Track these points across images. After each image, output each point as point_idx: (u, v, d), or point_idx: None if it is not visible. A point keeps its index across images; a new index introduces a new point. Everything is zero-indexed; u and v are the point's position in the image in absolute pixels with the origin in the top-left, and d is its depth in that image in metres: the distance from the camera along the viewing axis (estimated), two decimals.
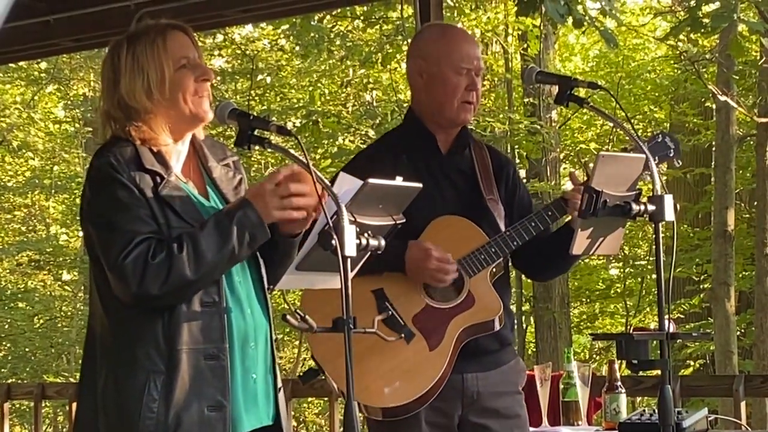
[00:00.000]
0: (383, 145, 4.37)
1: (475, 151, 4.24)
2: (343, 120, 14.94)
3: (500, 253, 4.06)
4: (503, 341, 4.17)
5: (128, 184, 3.23)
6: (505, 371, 4.17)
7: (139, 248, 3.18)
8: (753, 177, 14.78)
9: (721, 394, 8.26)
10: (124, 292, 3.20)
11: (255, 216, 3.23)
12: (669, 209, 3.43)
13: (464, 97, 4.13)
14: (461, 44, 4.18)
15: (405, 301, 4.05)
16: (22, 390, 9.47)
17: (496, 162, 4.26)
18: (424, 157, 4.18)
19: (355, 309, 3.29)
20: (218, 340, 3.26)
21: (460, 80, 4.12)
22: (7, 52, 8.12)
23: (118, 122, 3.35)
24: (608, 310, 17.85)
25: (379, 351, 3.98)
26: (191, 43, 3.41)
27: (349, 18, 14.52)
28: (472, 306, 4.06)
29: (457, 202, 4.14)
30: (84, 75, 18.56)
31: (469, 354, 4.05)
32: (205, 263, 3.19)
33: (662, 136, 4.16)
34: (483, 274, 4.07)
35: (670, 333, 3.37)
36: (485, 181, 4.19)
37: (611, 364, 4.89)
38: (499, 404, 4.13)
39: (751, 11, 11.82)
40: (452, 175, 4.19)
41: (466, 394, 4.08)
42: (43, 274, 19.03)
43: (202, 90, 3.36)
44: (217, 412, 3.25)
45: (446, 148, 4.21)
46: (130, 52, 3.34)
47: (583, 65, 18.34)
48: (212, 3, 6.90)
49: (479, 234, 4.08)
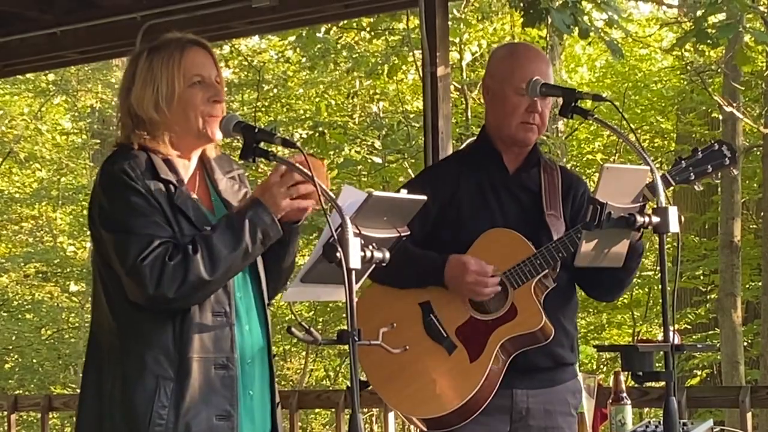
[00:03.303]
0: (452, 159, 4.46)
1: (544, 170, 4.24)
2: (349, 131, 14.94)
3: (545, 265, 4.04)
4: (558, 360, 4.17)
5: (143, 192, 3.25)
6: (559, 391, 4.18)
7: (156, 251, 3.19)
8: (759, 187, 14.78)
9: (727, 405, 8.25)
10: (140, 295, 3.20)
11: (266, 213, 3.25)
12: (673, 221, 3.42)
13: (523, 118, 4.13)
14: (525, 65, 4.15)
15: (449, 312, 4.09)
16: (29, 401, 9.48)
17: (566, 182, 4.26)
18: (489, 174, 4.20)
19: (401, 320, 3.69)
20: (228, 351, 3.29)
21: (521, 101, 4.11)
22: (14, 63, 8.16)
23: (125, 129, 3.38)
24: (615, 321, 17.81)
25: (421, 363, 4.06)
26: (211, 63, 3.41)
27: (355, 29, 14.53)
28: (513, 318, 4.06)
29: (517, 217, 4.15)
30: (91, 87, 18.61)
31: (519, 369, 4.06)
32: (221, 263, 3.21)
33: (719, 145, 4.11)
34: (527, 286, 4.06)
35: (675, 345, 3.37)
36: (549, 199, 4.19)
37: (617, 376, 4.88)
38: (549, 423, 4.14)
39: (757, 22, 11.83)
40: (516, 192, 4.20)
41: (515, 410, 4.10)
42: (51, 286, 19.03)
43: (212, 110, 3.36)
44: (225, 421, 3.27)
45: (514, 167, 4.22)
46: (147, 61, 3.37)
47: (590, 76, 18.34)
48: (219, 15, 6.92)
49: (527, 246, 4.08)
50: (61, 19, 7.30)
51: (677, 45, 11.98)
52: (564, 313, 4.17)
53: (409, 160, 14.08)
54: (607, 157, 16.29)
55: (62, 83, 18.28)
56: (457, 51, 13.91)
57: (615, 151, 16.28)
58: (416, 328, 4.09)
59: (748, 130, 14.90)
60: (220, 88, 3.41)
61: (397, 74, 13.92)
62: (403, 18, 12.76)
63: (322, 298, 3.29)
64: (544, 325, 4.05)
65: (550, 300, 4.10)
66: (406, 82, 15.12)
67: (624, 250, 3.62)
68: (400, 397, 4.11)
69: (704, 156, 4.05)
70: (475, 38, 14.37)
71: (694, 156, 4.08)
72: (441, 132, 6.32)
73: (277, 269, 3.46)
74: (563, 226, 4.16)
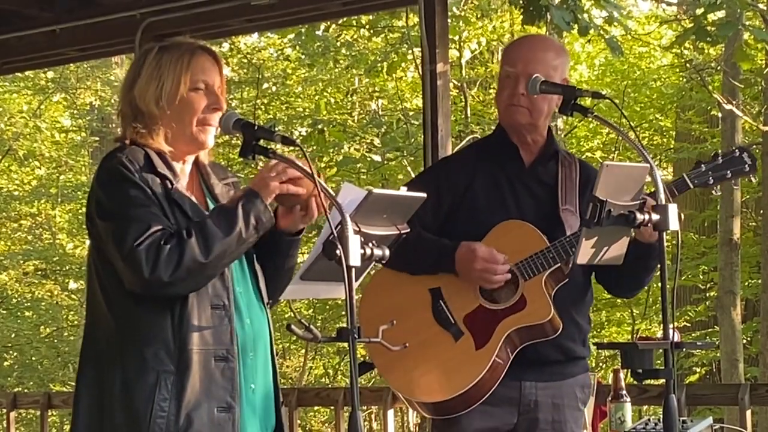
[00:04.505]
0: (468, 151, 4.48)
1: (562, 164, 4.24)
2: (348, 129, 14.95)
3: (557, 258, 4.05)
4: (568, 353, 4.18)
5: (141, 184, 3.28)
6: (569, 384, 4.19)
7: (153, 237, 3.22)
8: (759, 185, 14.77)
9: (726, 403, 8.27)
10: (136, 280, 3.22)
11: (258, 200, 3.28)
12: (673, 218, 3.42)
13: (509, 100, 4.15)
14: (517, 48, 4.24)
15: (459, 300, 4.11)
16: (28, 399, 9.49)
17: (584, 176, 4.25)
18: (505, 167, 4.20)
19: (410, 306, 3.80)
20: (228, 343, 3.30)
21: (506, 83, 4.16)
22: (13, 61, 8.16)
23: (124, 119, 3.41)
24: (615, 319, 17.82)
25: (427, 348, 4.08)
26: (217, 72, 3.45)
27: (354, 27, 14.53)
28: (522, 309, 4.07)
29: (532, 211, 4.16)
30: (90, 84, 18.60)
31: (528, 361, 4.07)
32: (215, 246, 3.22)
33: (740, 151, 4.12)
34: (538, 278, 4.08)
35: (675, 342, 3.37)
36: (565, 193, 4.19)
37: (616, 373, 4.88)
38: (556, 417, 4.15)
39: (757, 20, 11.83)
40: (532, 185, 4.20)
41: (523, 402, 4.11)
42: (50, 283, 19.03)
43: (209, 119, 3.40)
44: (226, 413, 3.28)
45: (530, 159, 4.22)
46: (156, 58, 3.41)
47: (589, 74, 18.34)
48: (217, 12, 6.92)
49: (540, 239, 4.09)
50: (61, 17, 7.31)
51: (677, 42, 11.97)
52: (577, 308, 4.18)
53: (408, 158, 14.08)
54: (607, 155, 16.29)
55: (61, 81, 18.28)
56: (457, 49, 13.91)
57: (614, 149, 16.28)
58: (425, 313, 4.11)
59: (748, 128, 14.90)
60: (222, 98, 3.44)
61: (396, 72, 13.91)
62: (403, 15, 12.76)
63: (322, 295, 3.30)
64: (552, 317, 4.06)
65: (563, 294, 4.11)
66: (405, 79, 15.11)
67: (624, 248, 3.62)
68: (404, 380, 4.13)
69: (724, 161, 4.06)
70: (474, 36, 14.36)
71: (714, 161, 4.09)
72: (440, 130, 6.32)
73: (279, 273, 3.48)
74: (578, 221, 4.15)
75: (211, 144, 3.44)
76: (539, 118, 4.17)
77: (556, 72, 4.13)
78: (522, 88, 4.10)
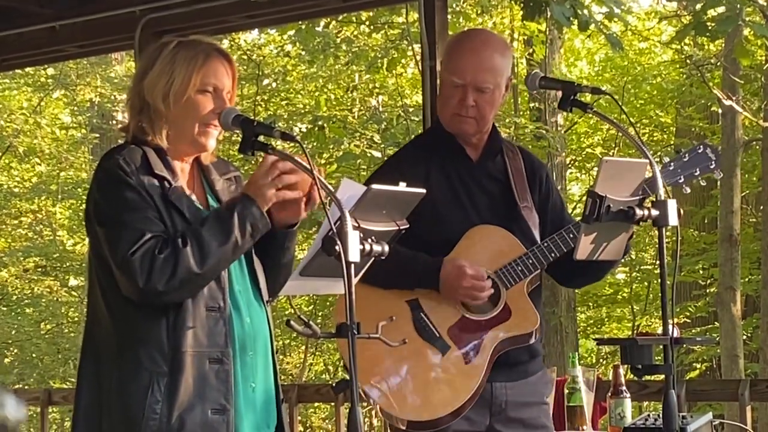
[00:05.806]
0: (413, 147, 4.29)
1: (508, 157, 4.16)
2: (348, 125, 14.95)
3: (538, 264, 4.00)
4: (533, 352, 4.14)
5: (137, 187, 3.26)
6: (533, 382, 4.15)
7: (147, 245, 3.20)
8: (759, 181, 14.78)
9: (726, 399, 8.27)
10: (131, 288, 3.21)
11: (254, 206, 3.26)
12: (672, 214, 3.41)
13: (456, 110, 4.05)
14: (461, 56, 4.05)
15: (440, 312, 4.00)
16: (28, 395, 9.47)
17: (529, 167, 4.18)
18: (454, 164, 4.11)
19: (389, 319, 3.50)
20: (223, 345, 3.29)
21: (454, 92, 4.03)
22: (13, 58, 8.15)
23: (132, 110, 3.39)
24: (615, 315, 17.83)
25: (415, 362, 3.97)
26: (229, 78, 3.43)
27: (354, 23, 14.53)
28: (508, 319, 4.01)
29: (489, 210, 4.09)
30: (90, 81, 18.59)
31: (499, 364, 4.02)
32: (210, 256, 3.21)
33: (703, 147, 4.09)
34: (520, 286, 4.02)
35: (674, 338, 3.37)
36: (519, 188, 4.13)
37: (616, 369, 4.88)
38: (526, 414, 4.11)
39: (757, 15, 11.82)
40: (484, 182, 4.12)
41: (495, 404, 4.05)
42: (50, 280, 19.03)
43: (212, 123, 3.38)
44: (220, 415, 3.27)
45: (477, 155, 4.14)
46: (172, 53, 3.38)
47: (589, 69, 18.34)
48: (217, 8, 6.91)
49: (516, 245, 4.03)
50: (60, 14, 7.30)
51: (676, 38, 11.99)
52: (538, 306, 4.12)
53: None
54: (607, 151, 16.30)
55: (61, 77, 18.26)
56: None
57: (614, 145, 16.30)
58: (406, 326, 3.98)
59: (748, 123, 14.89)
60: (230, 104, 3.42)
61: (396, 68, 13.92)
62: (403, 12, 12.76)
63: (321, 291, 3.29)
64: (540, 325, 4.04)
65: (530, 296, 4.07)
66: (405, 76, 15.12)
67: (623, 244, 3.61)
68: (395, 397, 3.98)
69: (690, 159, 4.04)
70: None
71: (680, 159, 4.07)
72: None
73: (276, 267, 3.46)
74: (537, 217, 4.12)
75: (212, 147, 3.42)
76: (485, 125, 4.10)
77: (503, 76, 4.05)
78: (471, 101, 4.00)
